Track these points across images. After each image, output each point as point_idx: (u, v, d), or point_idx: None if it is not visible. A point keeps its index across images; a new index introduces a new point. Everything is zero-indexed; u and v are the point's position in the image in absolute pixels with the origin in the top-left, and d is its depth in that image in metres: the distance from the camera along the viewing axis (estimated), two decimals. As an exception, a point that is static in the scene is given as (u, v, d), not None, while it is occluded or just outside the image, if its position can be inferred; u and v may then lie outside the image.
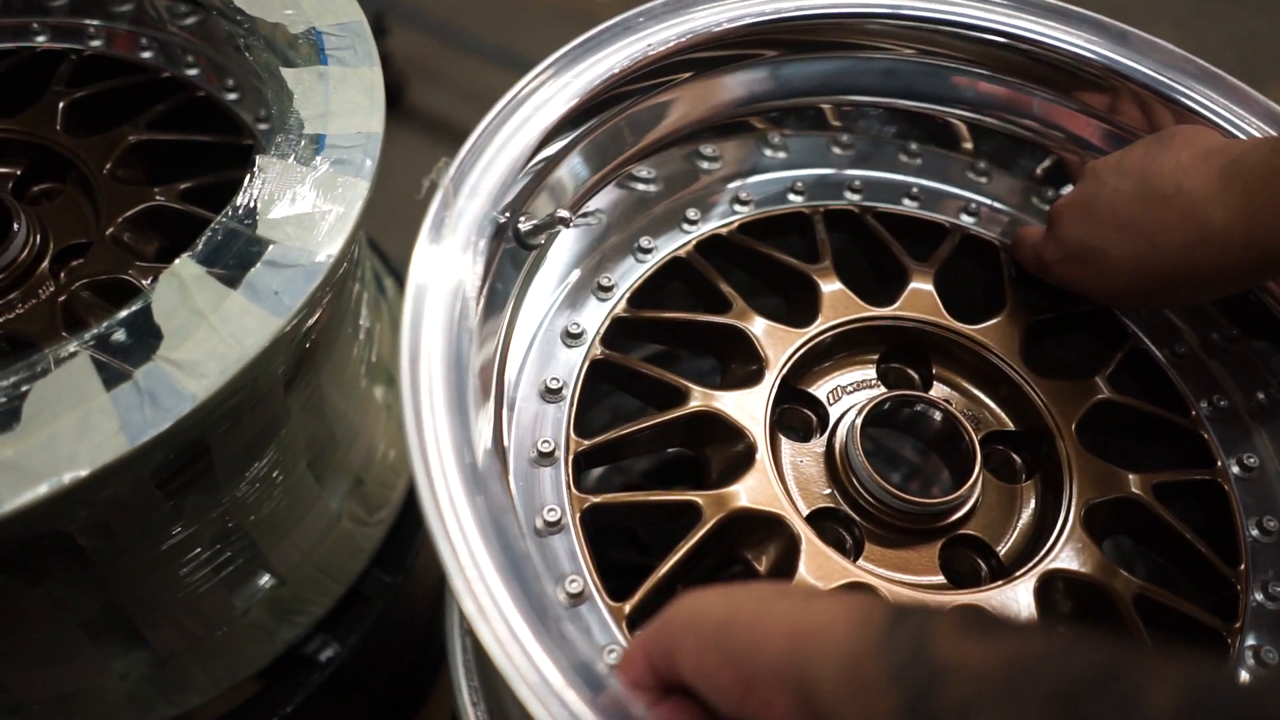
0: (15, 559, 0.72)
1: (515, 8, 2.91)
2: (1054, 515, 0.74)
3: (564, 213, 0.73)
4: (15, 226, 0.88)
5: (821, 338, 0.80)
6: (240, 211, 0.74)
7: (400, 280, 1.26)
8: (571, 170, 0.80)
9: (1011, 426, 0.81)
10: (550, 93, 0.74)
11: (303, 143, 0.78)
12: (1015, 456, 0.80)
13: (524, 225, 0.73)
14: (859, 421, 0.75)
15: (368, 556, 1.04)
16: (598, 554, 0.70)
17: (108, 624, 0.84)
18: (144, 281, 0.83)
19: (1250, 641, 0.72)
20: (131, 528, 0.75)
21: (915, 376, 0.84)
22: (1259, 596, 0.73)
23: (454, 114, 2.69)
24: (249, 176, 0.75)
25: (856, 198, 0.92)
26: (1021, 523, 0.76)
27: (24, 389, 0.64)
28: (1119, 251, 0.73)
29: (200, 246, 0.72)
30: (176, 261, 0.70)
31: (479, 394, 0.64)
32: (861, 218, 0.90)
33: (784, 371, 0.77)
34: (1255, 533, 0.77)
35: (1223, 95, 0.84)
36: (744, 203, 0.90)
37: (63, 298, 0.83)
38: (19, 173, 0.95)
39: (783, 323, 0.81)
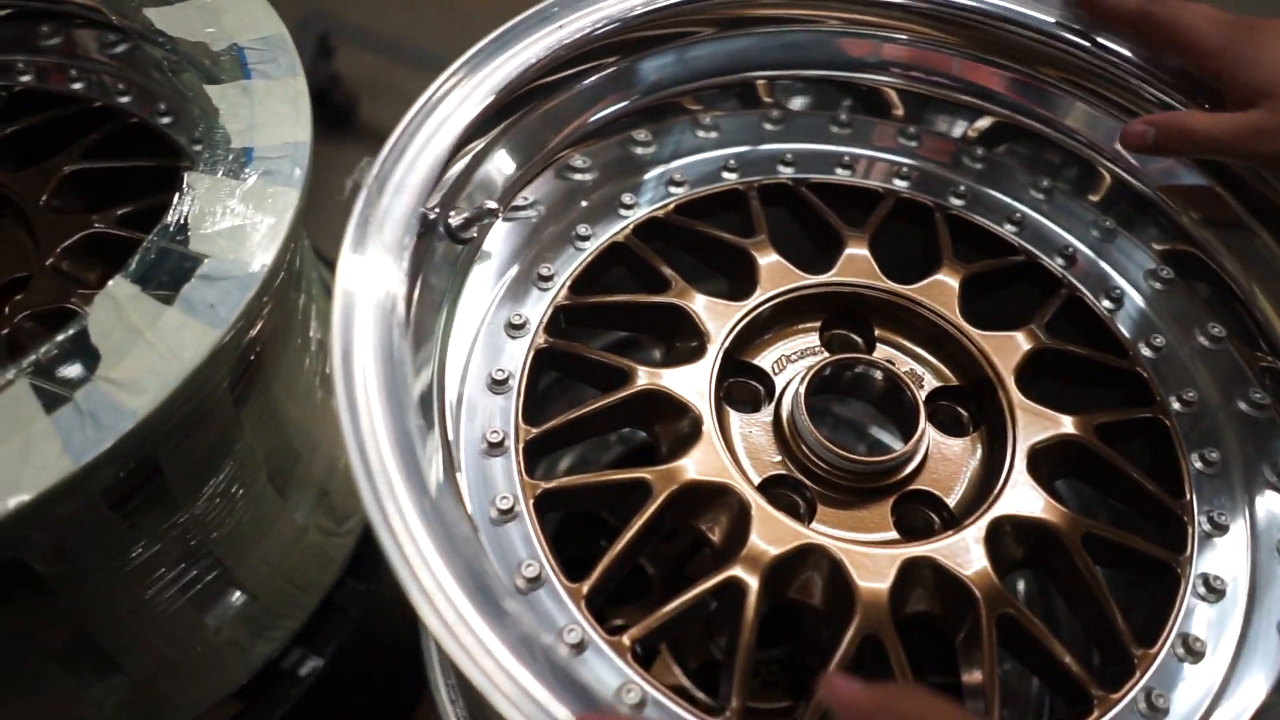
0: (-28, 591, 0.72)
1: (462, 20, 2.92)
2: (999, 463, 0.75)
3: (493, 204, 0.73)
4: (-48, 265, 0.89)
5: (761, 309, 0.81)
6: (171, 229, 0.74)
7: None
8: (499, 163, 0.80)
9: (955, 382, 0.83)
10: (470, 87, 0.75)
11: (230, 156, 0.78)
12: (961, 410, 0.81)
13: (454, 219, 0.74)
14: (802, 388, 0.76)
15: (339, 567, 1.05)
16: (564, 546, 0.71)
17: (78, 652, 0.84)
18: (86, 308, 0.84)
19: (1200, 570, 0.73)
20: (88, 551, 0.76)
21: (859, 340, 0.85)
22: (1206, 526, 0.75)
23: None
24: (178, 194, 0.76)
25: (789, 171, 0.93)
26: (969, 473, 0.77)
27: (-37, 421, 0.65)
28: None
29: (133, 266, 0.72)
30: (110, 283, 0.71)
31: (417, 393, 0.64)
32: (795, 190, 0.91)
33: (726, 345, 0.78)
34: (1199, 465, 0.78)
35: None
36: (679, 184, 0.91)
37: (5, 330, 0.83)
38: (-46, 211, 0.95)
39: (723, 298, 0.82)
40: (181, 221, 0.75)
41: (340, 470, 1.06)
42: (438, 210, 0.71)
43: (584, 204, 0.88)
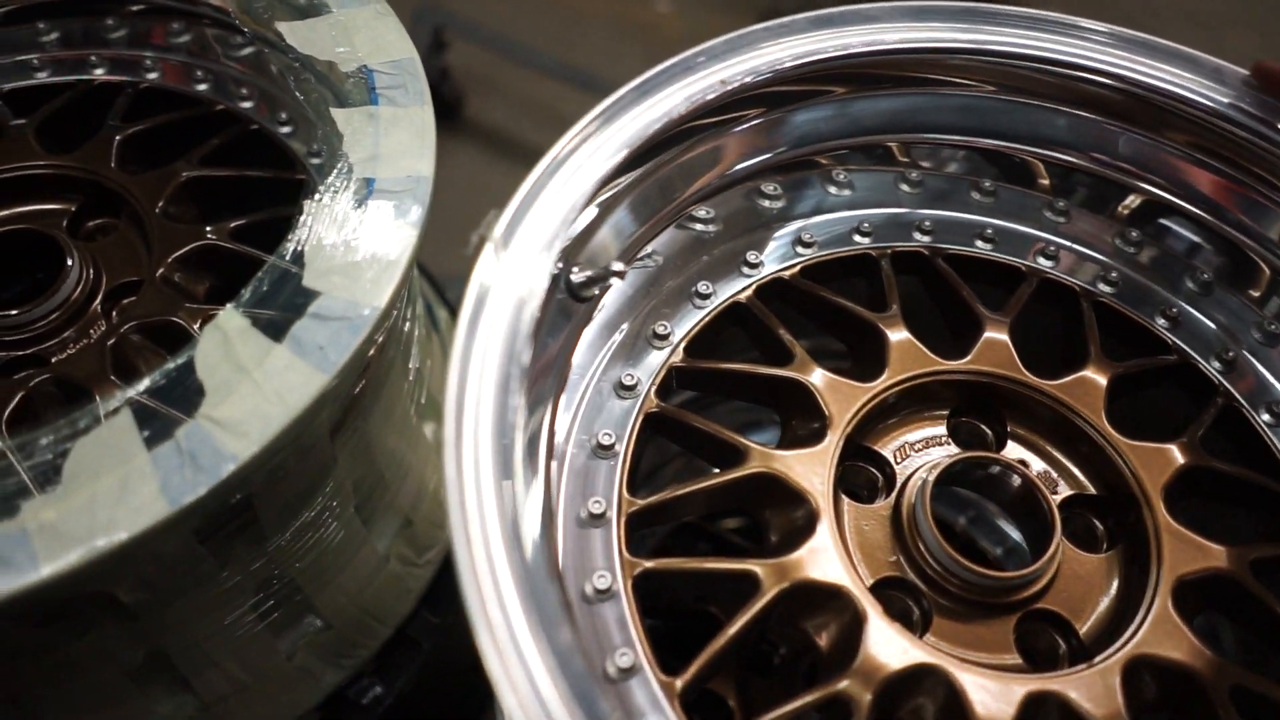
0: (60, 612, 0.71)
1: (573, 19, 2.88)
2: (1140, 591, 0.69)
3: (619, 265, 0.69)
4: (69, 263, 0.88)
5: (889, 393, 0.76)
6: (287, 257, 0.72)
7: (453, 309, 1.25)
8: (626, 216, 0.77)
9: (1092, 490, 0.76)
10: (605, 139, 0.71)
11: (352, 187, 0.75)
12: (1097, 523, 0.75)
13: (577, 277, 0.70)
14: (929, 484, 0.71)
15: (415, 598, 1.02)
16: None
17: (153, 671, 0.83)
18: (194, 325, 0.82)
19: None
20: (174, 581, 0.74)
21: (988, 433, 0.79)
22: (1369, 686, 0.67)
23: (511, 127, 2.68)
24: (296, 222, 0.74)
25: (926, 239, 0.87)
26: (1104, 598, 0.71)
27: (66, 446, 0.63)
28: None
29: (246, 297, 0.70)
30: (221, 313, 0.69)
31: (526, 455, 0.61)
32: (931, 260, 0.85)
33: (849, 430, 0.73)
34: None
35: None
36: (807, 244, 0.86)
37: (112, 341, 0.82)
38: (74, 209, 0.95)
39: (847, 374, 0.77)
40: (298, 250, 0.73)
41: (426, 498, 1.03)
42: (560, 266, 0.68)
43: (706, 258, 0.84)
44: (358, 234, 0.73)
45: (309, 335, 0.68)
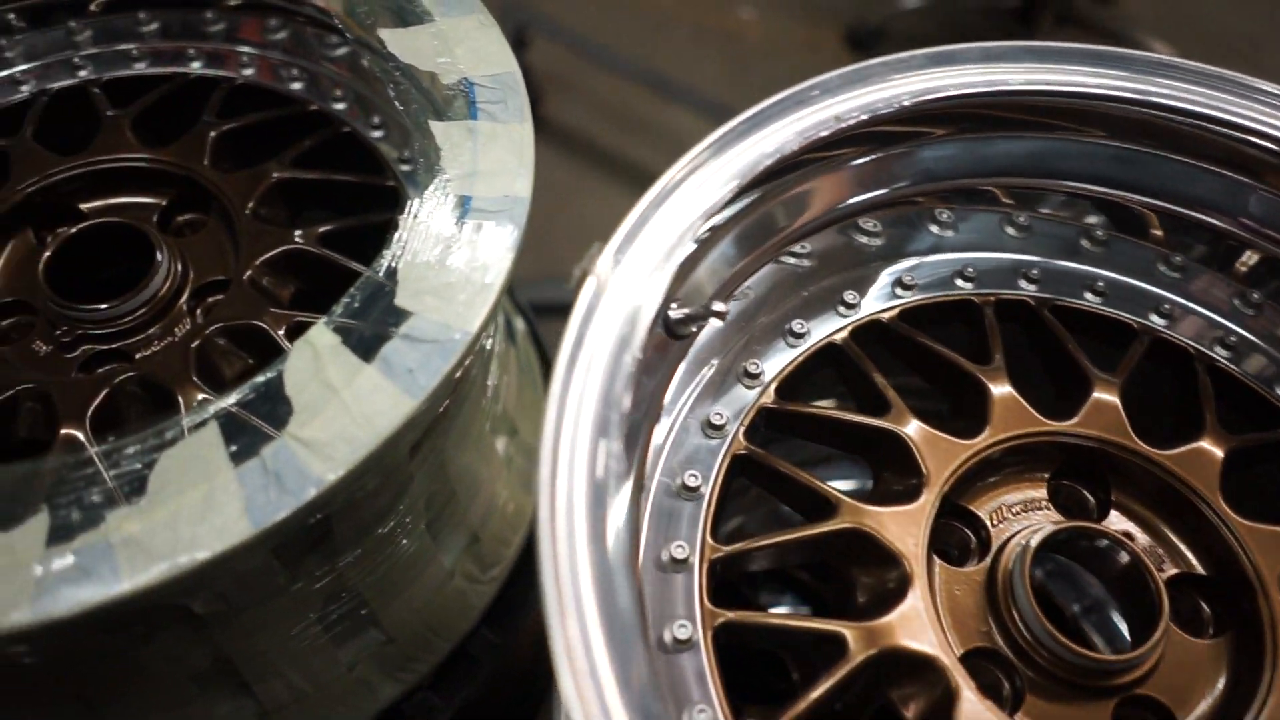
0: (132, 620, 0.70)
1: (658, 24, 2.86)
2: (1252, 684, 0.65)
3: (720, 305, 0.67)
4: (159, 257, 0.88)
5: (989, 451, 0.73)
6: (381, 274, 0.71)
7: (528, 319, 1.23)
8: (727, 251, 0.74)
9: (1200, 570, 0.72)
10: (714, 171, 0.68)
11: (448, 204, 0.74)
12: (1205, 607, 0.71)
13: (675, 314, 0.68)
14: (1030, 552, 0.67)
15: (477, 615, 1.01)
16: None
17: (217, 676, 0.82)
18: (277, 331, 0.81)
19: None
20: (246, 594, 0.73)
21: (1090, 500, 0.76)
22: None
23: (588, 128, 2.67)
24: (390, 238, 0.72)
25: (1032, 288, 0.84)
26: (1211, 688, 0.67)
27: (153, 457, 0.62)
28: None
29: (338, 312, 0.69)
30: (312, 329, 0.67)
31: (617, 497, 0.59)
32: (1037, 311, 0.82)
33: (946, 489, 0.70)
34: None
35: None
36: (907, 286, 0.83)
37: (196, 342, 0.81)
38: (165, 203, 0.95)
39: (946, 429, 0.74)
40: (391, 267, 0.71)
41: (495, 514, 1.02)
42: (659, 302, 0.65)
43: (802, 295, 0.81)
44: (452, 253, 0.71)
45: (399, 357, 0.67)
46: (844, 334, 0.80)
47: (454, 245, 0.72)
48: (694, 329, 0.69)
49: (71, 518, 0.60)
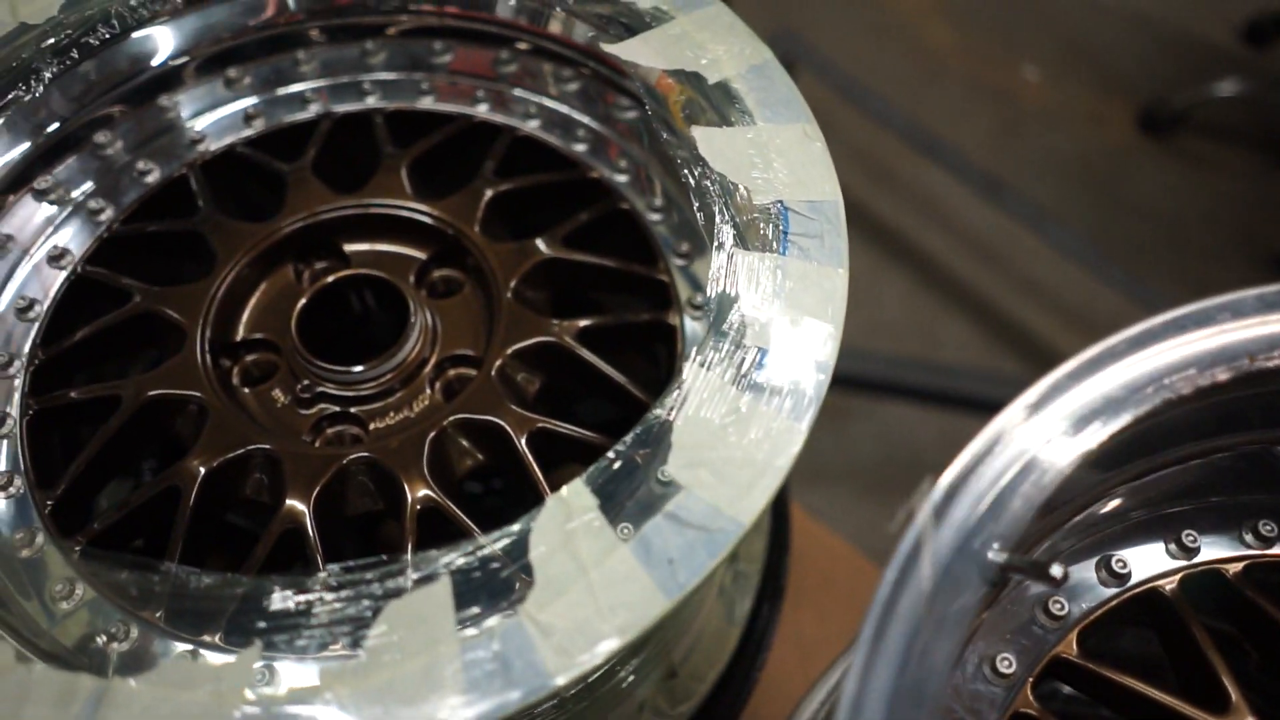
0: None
1: (931, 74, 2.66)
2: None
3: (1058, 570, 0.54)
4: (412, 319, 0.82)
5: None
6: (653, 429, 0.62)
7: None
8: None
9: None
10: (1076, 399, 0.55)
11: (739, 358, 0.64)
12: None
13: (996, 557, 0.56)
14: None
15: (658, 753, 0.92)
16: None
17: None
18: (519, 438, 0.74)
19: None
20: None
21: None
22: None
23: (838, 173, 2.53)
24: (670, 388, 0.63)
25: None
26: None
27: (379, 606, 0.56)
28: None
29: (601, 466, 0.60)
30: (566, 489, 0.59)
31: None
32: None
33: None
34: None
35: None
36: (1264, 539, 0.67)
37: (434, 434, 0.75)
38: (425, 257, 0.90)
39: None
40: (665, 421, 0.62)
41: (696, 649, 0.93)
42: (993, 549, 0.53)
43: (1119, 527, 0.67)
44: (737, 421, 0.62)
45: (660, 541, 0.57)
46: (1173, 582, 0.65)
47: (740, 411, 0.62)
48: (1010, 581, 0.57)
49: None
